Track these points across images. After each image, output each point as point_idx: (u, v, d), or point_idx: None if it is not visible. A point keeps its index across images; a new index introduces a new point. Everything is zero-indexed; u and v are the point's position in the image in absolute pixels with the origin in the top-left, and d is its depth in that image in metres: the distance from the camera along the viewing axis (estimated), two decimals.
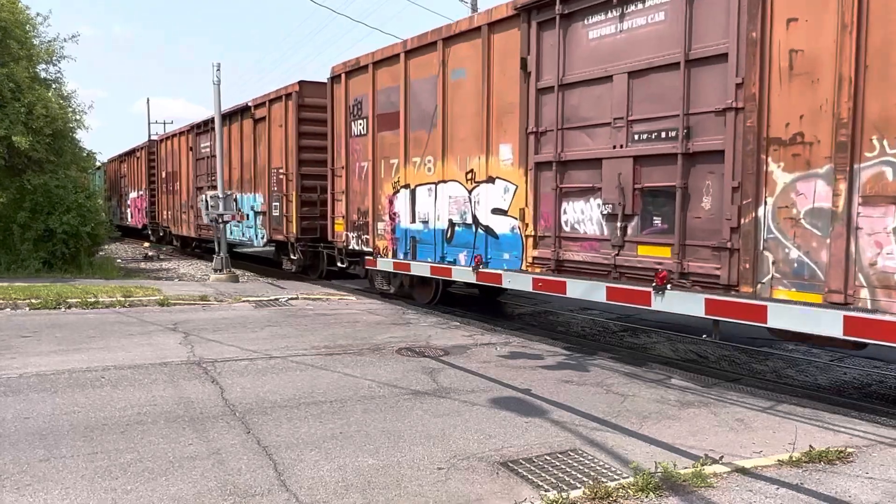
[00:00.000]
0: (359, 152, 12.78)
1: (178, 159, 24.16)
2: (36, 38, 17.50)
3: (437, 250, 10.86)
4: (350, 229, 13.19)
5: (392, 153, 11.79)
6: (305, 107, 15.29)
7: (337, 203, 13.60)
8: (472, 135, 10.04)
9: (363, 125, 12.56)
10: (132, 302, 11.54)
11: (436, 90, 10.70)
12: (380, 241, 12.22)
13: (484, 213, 9.88)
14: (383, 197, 12.06)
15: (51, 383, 6.55)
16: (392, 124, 11.75)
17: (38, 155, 16.18)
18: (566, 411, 5.94)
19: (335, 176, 13.60)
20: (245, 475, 4.42)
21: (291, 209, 15.68)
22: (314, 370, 7.27)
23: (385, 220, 12.04)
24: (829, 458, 4.75)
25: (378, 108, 12.12)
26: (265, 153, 16.82)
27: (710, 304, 6.68)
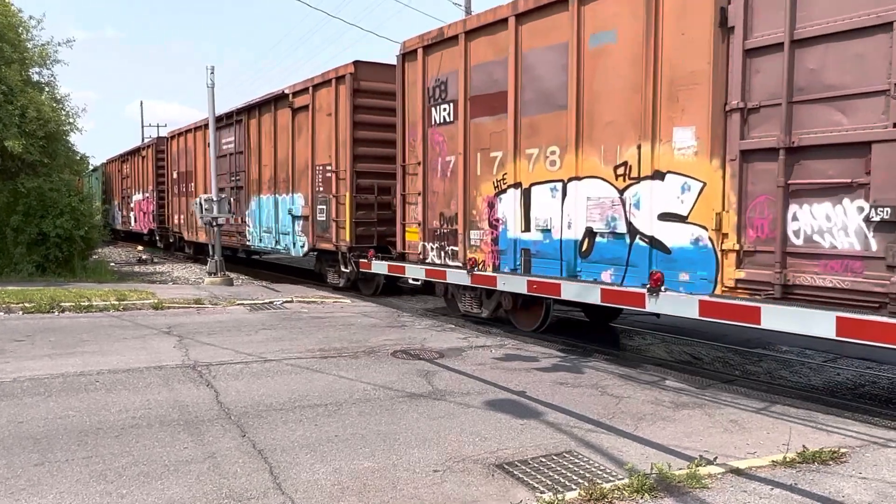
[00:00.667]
0: (442, 144, 10.55)
1: (194, 157, 21.72)
2: (29, 42, 17.45)
3: (564, 266, 8.53)
4: (428, 239, 10.92)
5: (494, 144, 9.52)
6: (361, 92, 13.17)
7: (409, 207, 11.34)
8: (626, 117, 7.78)
9: (449, 111, 10.35)
10: (126, 305, 11.51)
11: (565, 61, 8.41)
12: (474, 254, 9.90)
13: (646, 219, 7.57)
14: (479, 199, 9.83)
15: (45, 387, 6.53)
16: (494, 108, 9.50)
17: (32, 158, 16.13)
18: (561, 413, 5.95)
19: (407, 174, 11.37)
20: (241, 478, 4.41)
21: (343, 213, 13.51)
22: (309, 373, 7.26)
23: (482, 227, 9.77)
24: (823, 458, 4.77)
25: (472, 88, 9.87)
26: (307, 147, 14.64)
27: (703, 305, 6.70)
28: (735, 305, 6.44)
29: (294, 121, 15.20)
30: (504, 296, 9.83)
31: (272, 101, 16.13)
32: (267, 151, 16.55)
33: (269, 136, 16.36)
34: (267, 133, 16.52)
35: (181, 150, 22.94)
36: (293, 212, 15.36)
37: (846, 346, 6.67)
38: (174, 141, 23.94)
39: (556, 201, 8.66)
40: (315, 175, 14.42)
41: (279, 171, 16.03)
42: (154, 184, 26.85)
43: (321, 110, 14.14)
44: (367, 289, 14.03)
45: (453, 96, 10.27)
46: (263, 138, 16.74)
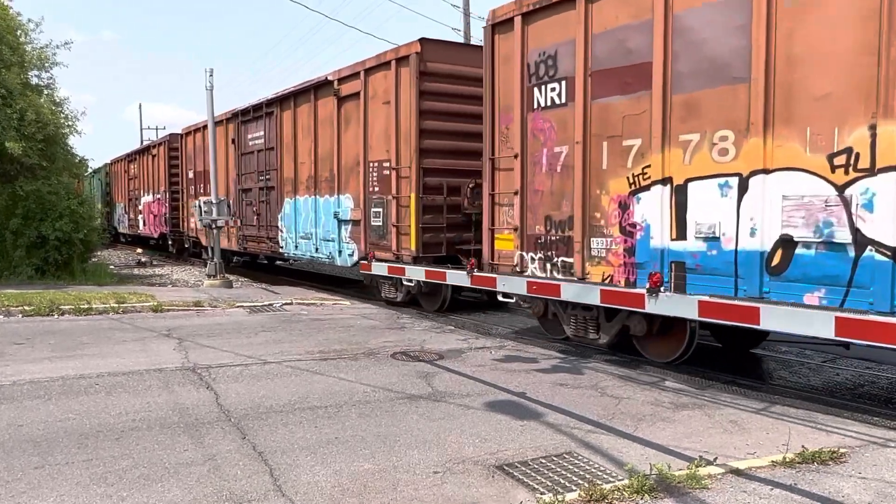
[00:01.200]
0: (548, 132, 8.60)
1: None
2: (28, 45, 17.47)
3: (742, 284, 6.65)
4: (528, 247, 8.93)
5: (629, 130, 7.58)
6: (429, 76, 11.32)
7: (500, 209, 9.44)
8: (850, 88, 5.87)
9: (559, 91, 8.43)
10: (126, 308, 11.52)
11: (744, 20, 6.54)
12: (599, 267, 7.98)
13: (886, 225, 5.65)
14: (605, 199, 7.88)
15: (44, 390, 6.53)
16: (628, 84, 7.60)
17: (31, 161, 16.14)
18: (561, 414, 5.95)
19: (498, 169, 9.46)
20: (241, 481, 4.41)
21: (407, 216, 11.53)
22: (309, 375, 7.26)
23: (611, 234, 7.82)
24: (823, 458, 4.78)
25: (596, 61, 7.93)
26: (357, 141, 12.75)
27: (703, 306, 6.70)
28: (734, 306, 6.44)
29: (340, 111, 13.25)
30: (636, 319, 7.92)
31: (311, 90, 14.19)
32: (305, 147, 14.65)
33: (308, 129, 14.45)
34: (304, 126, 14.62)
35: (198, 148, 20.68)
36: (340, 215, 13.44)
37: (845, 345, 6.64)
38: (189, 138, 21.62)
39: (730, 201, 6.73)
40: (368, 173, 12.56)
41: (320, 168, 14.13)
42: (166, 184, 24.68)
43: (376, 98, 12.21)
44: (431, 304, 12.12)
45: (566, 72, 8.32)
46: (300, 132, 14.80)
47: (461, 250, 11.42)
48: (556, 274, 8.50)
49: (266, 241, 16.65)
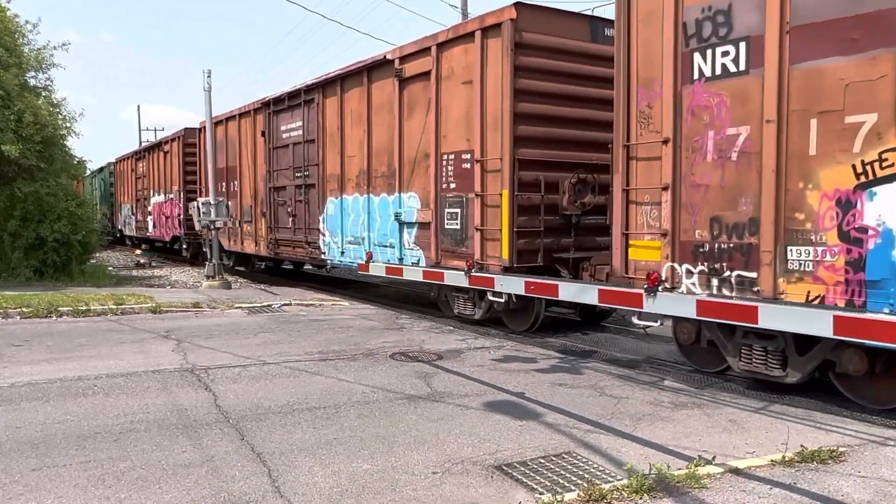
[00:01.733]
0: (718, 109, 6.80)
1: (239, 149, 17.46)
2: (25, 46, 17.44)
3: None
4: (683, 257, 7.12)
5: (855, 103, 5.79)
6: (526, 49, 9.23)
7: (637, 209, 7.60)
8: None
9: (735, 55, 6.61)
10: (124, 309, 11.50)
11: None
12: (801, 284, 6.16)
13: None
14: (813, 194, 6.08)
15: (42, 392, 6.52)
16: (855, 41, 5.78)
17: (29, 162, 16.11)
18: (560, 414, 5.95)
19: (635, 159, 7.59)
20: (239, 482, 4.41)
21: (496, 219, 9.49)
22: (308, 376, 7.26)
23: (822, 240, 6.02)
24: (822, 457, 4.77)
25: (797, 11, 6.12)
26: (425, 130, 10.73)
27: (701, 305, 6.70)
28: (732, 305, 6.43)
29: (402, 95, 11.20)
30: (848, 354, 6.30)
31: (364, 72, 12.12)
32: (354, 138, 12.53)
33: (359, 117, 12.33)
34: (354, 114, 12.50)
35: (220, 143, 18.38)
36: (402, 217, 11.31)
37: None
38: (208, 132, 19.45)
39: None
40: (441, 167, 10.51)
41: (375, 163, 12.02)
42: (181, 183, 22.35)
43: (452, 77, 10.26)
44: (520, 324, 10.13)
45: (747, 30, 6.52)
46: (349, 121, 12.69)
47: (559, 259, 9.59)
48: (726, 291, 6.69)
49: (304, 245, 14.51)
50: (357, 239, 12.63)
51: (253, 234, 16.98)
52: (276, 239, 15.65)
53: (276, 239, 15.67)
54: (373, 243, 12.17)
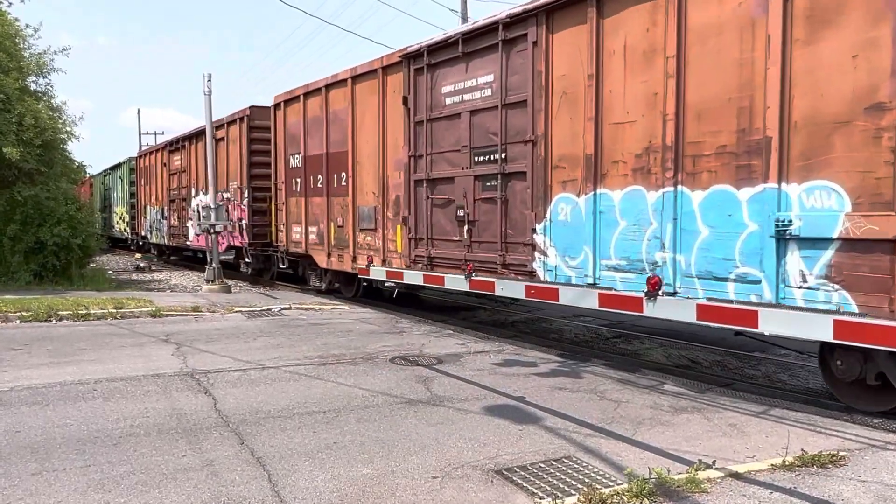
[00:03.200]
0: None
1: (351, 128, 12.66)
2: (26, 51, 17.47)
3: None
4: None
5: None
6: None
7: None
8: None
9: None
10: (124, 313, 11.50)
11: None
12: None
13: None
14: None
15: (42, 396, 6.51)
16: None
17: (29, 166, 16.13)
18: (560, 418, 5.94)
19: None
20: (239, 486, 4.40)
21: None
22: (308, 380, 7.25)
23: None
24: (822, 461, 4.77)
25: None
26: (839, 67, 5.81)
27: (701, 309, 6.70)
28: (732, 309, 6.43)
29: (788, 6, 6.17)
30: None
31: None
32: (635, 90, 7.53)
33: (646, 53, 7.39)
34: (633, 49, 7.55)
35: (312, 123, 13.99)
36: (793, 228, 6.16)
37: None
38: (292, 109, 14.77)
39: None
40: None
41: (692, 129, 6.96)
42: (244, 177, 17.37)
43: None
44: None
45: None
46: (615, 61, 7.75)
47: None
48: None
49: (501, 268, 9.44)
50: (635, 262, 7.60)
51: (379, 247, 12.08)
52: (430, 257, 10.81)
53: (428, 256, 10.83)
54: (681, 272, 7.12)
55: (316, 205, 14.13)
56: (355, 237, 12.77)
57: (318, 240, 14.03)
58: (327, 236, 13.64)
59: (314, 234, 14.27)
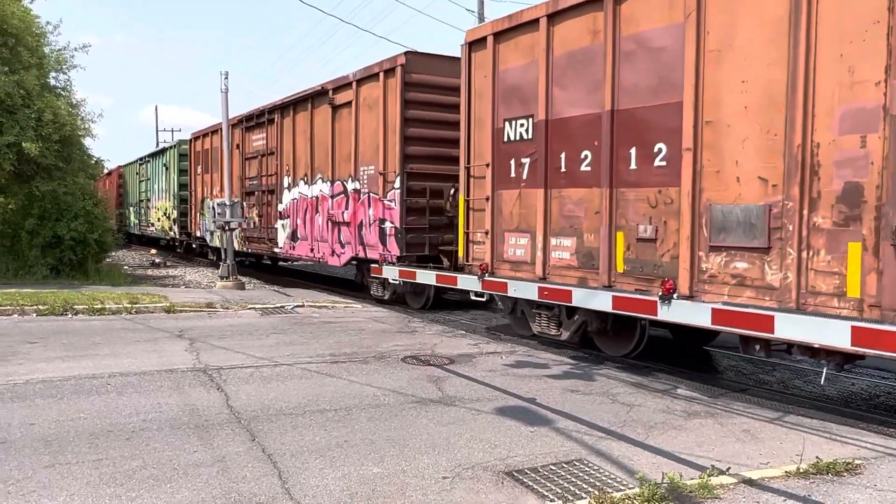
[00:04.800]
0: None
1: (665, 67, 7.36)
2: (46, 47, 17.64)
3: None
4: None
5: None
6: None
7: None
8: None
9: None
10: (139, 309, 11.58)
11: None
12: None
13: None
14: None
15: (56, 389, 6.57)
16: None
17: (47, 161, 16.28)
18: (572, 421, 5.91)
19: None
20: (250, 483, 4.41)
21: None
22: (319, 377, 7.26)
23: None
24: (837, 469, 4.71)
25: None
26: None
27: (716, 314, 6.64)
28: (747, 314, 6.37)
29: None
30: None
31: None
32: None
33: None
34: None
35: (566, 63, 8.62)
36: None
37: None
38: (513, 45, 9.35)
39: None
40: None
41: None
42: (397, 160, 12.09)
43: None
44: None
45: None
46: None
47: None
48: None
49: None
50: None
51: (775, 282, 6.41)
52: None
53: None
54: None
55: (572, 201, 8.51)
56: (697, 260, 7.12)
57: (581, 260, 8.39)
58: (608, 255, 8.02)
59: (565, 251, 8.62)
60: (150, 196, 29.56)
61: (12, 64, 15.63)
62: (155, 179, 28.47)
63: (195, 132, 22.77)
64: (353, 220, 13.57)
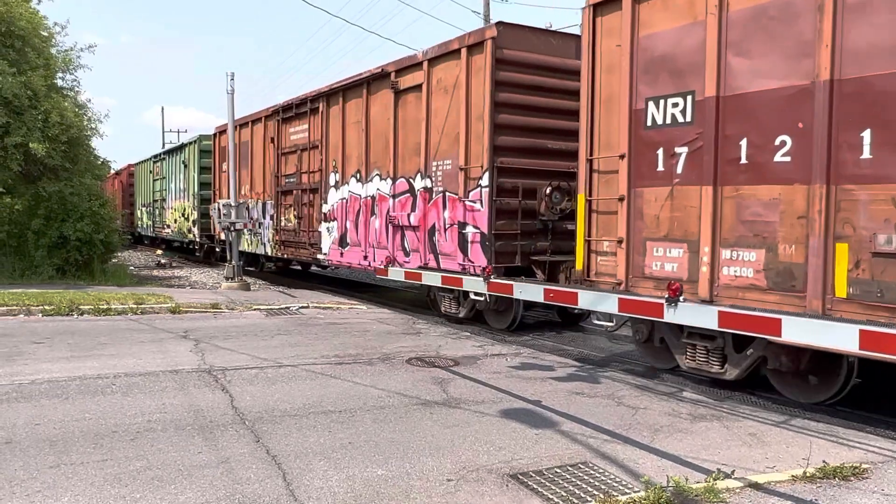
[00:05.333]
0: None
1: None
2: (53, 48, 17.72)
3: None
4: None
5: None
6: None
7: None
8: None
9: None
10: (144, 309, 11.60)
11: None
12: None
13: None
14: None
15: (62, 389, 6.58)
16: None
17: (54, 162, 16.34)
18: (577, 423, 5.89)
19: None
20: (254, 484, 4.41)
21: None
22: (324, 379, 7.26)
23: None
24: (844, 473, 4.68)
25: None
26: None
27: (723, 316, 6.60)
28: (755, 317, 6.33)
29: None
30: None
31: None
32: None
33: None
34: None
35: (761, 17, 6.44)
36: None
37: None
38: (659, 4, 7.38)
39: None
40: None
41: None
42: (486, 153, 9.99)
43: None
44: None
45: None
46: None
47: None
48: None
49: None
50: None
51: None
52: None
53: None
54: None
55: (760, 201, 6.52)
56: None
57: (773, 280, 6.40)
58: (821, 273, 6.03)
59: (747, 266, 6.61)
60: (165, 196, 27.39)
61: (20, 65, 15.70)
62: (171, 178, 26.35)
63: (220, 126, 20.13)
64: (421, 224, 11.23)
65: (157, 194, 28.77)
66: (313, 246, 14.74)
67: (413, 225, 11.50)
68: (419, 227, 11.35)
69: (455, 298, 11.27)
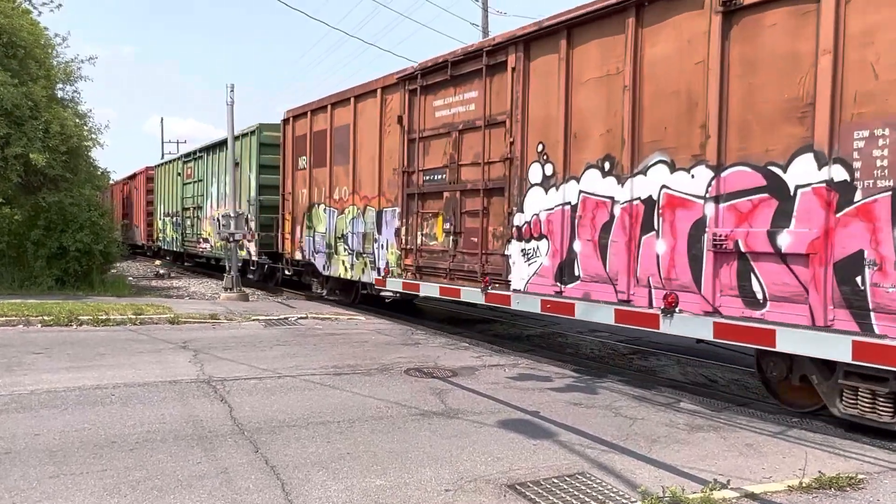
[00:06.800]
0: None
1: None
2: (54, 59, 17.80)
3: None
4: None
5: None
6: None
7: None
8: None
9: None
10: (143, 320, 11.61)
11: None
12: None
13: None
14: None
15: (61, 400, 6.59)
16: None
17: (54, 173, 16.37)
18: (574, 434, 5.91)
19: None
20: (252, 495, 4.42)
21: None
22: (323, 389, 7.28)
23: None
24: (840, 484, 4.71)
25: None
26: None
27: (718, 327, 6.64)
28: (750, 328, 6.38)
29: None
30: None
31: None
32: None
33: None
34: None
35: None
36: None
37: None
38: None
39: None
40: None
41: None
42: None
43: None
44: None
45: None
46: None
47: None
48: None
49: None
50: None
51: None
52: None
53: None
54: None
55: None
56: None
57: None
58: None
59: None
60: (201, 203, 21.98)
61: (21, 76, 15.76)
62: (211, 180, 20.88)
63: (292, 109, 15.53)
64: (817, 250, 5.96)
65: (189, 201, 23.40)
66: (491, 276, 9.78)
67: (785, 252, 6.24)
68: (809, 255, 6.06)
69: None
